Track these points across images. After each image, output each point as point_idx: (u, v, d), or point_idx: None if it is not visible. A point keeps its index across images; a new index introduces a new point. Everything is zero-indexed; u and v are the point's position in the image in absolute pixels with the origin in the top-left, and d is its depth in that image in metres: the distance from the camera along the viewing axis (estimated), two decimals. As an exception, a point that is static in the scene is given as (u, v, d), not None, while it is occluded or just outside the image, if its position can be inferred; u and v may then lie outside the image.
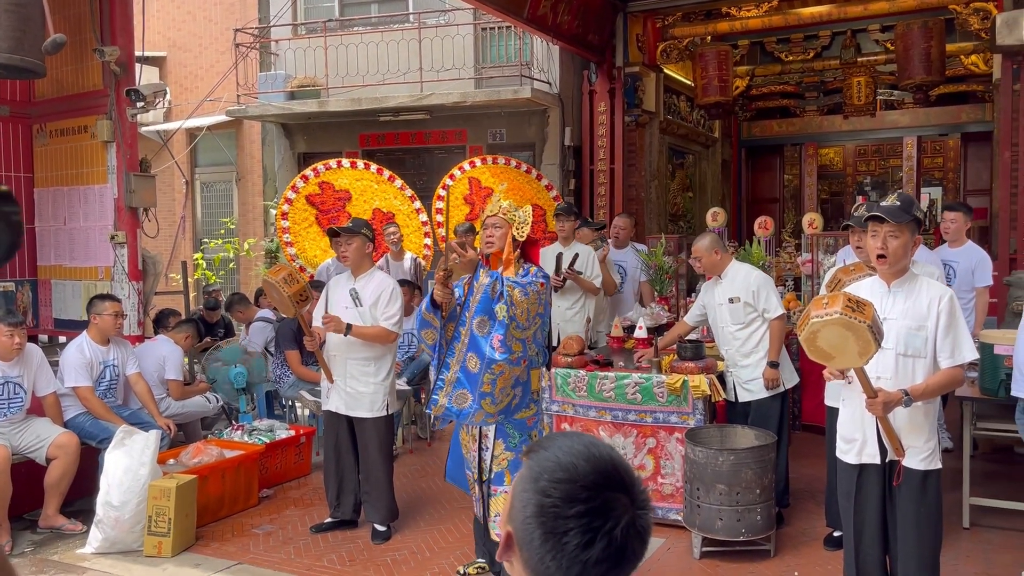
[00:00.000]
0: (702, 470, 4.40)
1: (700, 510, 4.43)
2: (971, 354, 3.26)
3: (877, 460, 3.33)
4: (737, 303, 4.87)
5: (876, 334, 2.90)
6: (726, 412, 5.21)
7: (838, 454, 3.50)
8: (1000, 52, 8.13)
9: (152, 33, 13.23)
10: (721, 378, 5.00)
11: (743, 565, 4.44)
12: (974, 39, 9.72)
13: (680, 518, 4.76)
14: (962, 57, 10.58)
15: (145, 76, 10.37)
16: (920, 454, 3.28)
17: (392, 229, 7.92)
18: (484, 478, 4.11)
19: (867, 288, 3.39)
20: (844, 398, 3.46)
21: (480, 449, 4.13)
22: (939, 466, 3.33)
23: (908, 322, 3.24)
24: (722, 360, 5.08)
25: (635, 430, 4.97)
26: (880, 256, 3.27)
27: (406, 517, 5.24)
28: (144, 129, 11.68)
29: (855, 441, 3.39)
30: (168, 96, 12.45)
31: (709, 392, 4.79)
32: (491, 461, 4.07)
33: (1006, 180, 8.29)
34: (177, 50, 13.50)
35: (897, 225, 3.22)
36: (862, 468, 3.38)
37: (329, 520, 5.12)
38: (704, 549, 4.51)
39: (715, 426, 4.87)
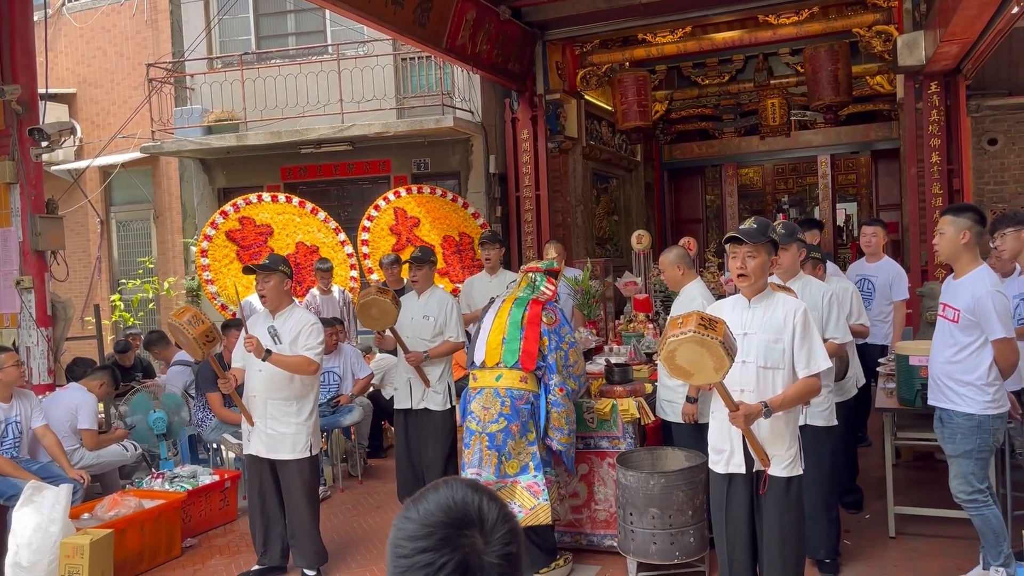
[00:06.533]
0: (634, 494, 4.38)
1: (634, 535, 4.40)
2: (825, 363, 3.46)
3: (743, 470, 3.49)
4: None
5: (728, 350, 3.02)
6: (657, 435, 5.22)
7: (709, 464, 3.66)
8: (902, 72, 8.48)
9: (61, 70, 12.87)
10: (652, 398, 4.97)
11: (679, 588, 4.43)
12: (878, 60, 10.12)
13: (615, 544, 4.73)
14: (868, 78, 11.01)
15: (52, 114, 10.06)
16: (782, 462, 3.47)
17: (327, 266, 8.10)
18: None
19: (730, 304, 3.63)
20: (713, 411, 3.62)
21: None
22: (801, 472, 3.50)
23: (767, 335, 3.45)
24: (650, 384, 5.07)
25: (567, 457, 4.93)
26: (740, 275, 3.49)
27: (337, 559, 5.09)
28: (54, 168, 11.29)
29: (723, 452, 3.55)
30: (79, 134, 12.06)
31: (638, 415, 4.78)
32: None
33: (914, 195, 8.61)
34: (88, 86, 13.12)
35: (754, 246, 3.45)
36: (731, 478, 3.54)
37: (256, 567, 4.93)
38: (640, 574, 4.49)
39: (646, 449, 4.86)
